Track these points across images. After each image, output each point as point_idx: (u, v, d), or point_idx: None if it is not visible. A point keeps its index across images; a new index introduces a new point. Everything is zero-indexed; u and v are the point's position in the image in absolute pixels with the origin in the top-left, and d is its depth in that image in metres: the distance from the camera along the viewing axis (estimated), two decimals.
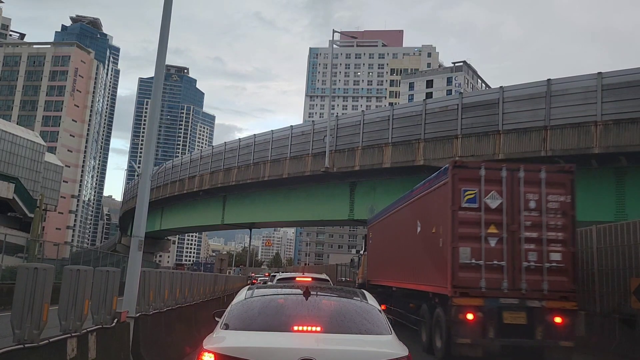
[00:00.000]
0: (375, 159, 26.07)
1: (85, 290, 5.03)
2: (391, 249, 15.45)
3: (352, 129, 27.81)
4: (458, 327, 8.99)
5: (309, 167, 29.28)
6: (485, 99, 22.94)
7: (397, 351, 3.69)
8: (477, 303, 9.04)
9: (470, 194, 9.42)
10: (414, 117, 25.23)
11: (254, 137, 34.02)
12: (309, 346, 3.59)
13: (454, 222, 9.31)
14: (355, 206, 28.74)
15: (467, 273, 9.16)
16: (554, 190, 9.67)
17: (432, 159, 23.94)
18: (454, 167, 9.74)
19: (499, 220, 9.33)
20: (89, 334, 5.16)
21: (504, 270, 9.16)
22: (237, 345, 3.66)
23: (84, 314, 5.01)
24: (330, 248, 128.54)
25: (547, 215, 9.46)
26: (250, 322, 4.04)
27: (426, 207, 11.42)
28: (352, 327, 4.03)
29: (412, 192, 12.83)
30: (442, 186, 10.13)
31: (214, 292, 15.40)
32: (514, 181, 9.51)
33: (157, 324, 7.86)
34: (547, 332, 8.93)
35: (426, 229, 11.11)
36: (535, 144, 20.83)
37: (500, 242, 9.26)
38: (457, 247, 9.24)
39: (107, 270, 5.76)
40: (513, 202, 9.42)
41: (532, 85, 21.67)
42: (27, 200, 63.12)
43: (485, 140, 22.32)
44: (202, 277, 13.64)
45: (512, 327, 8.98)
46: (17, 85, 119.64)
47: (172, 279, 9.31)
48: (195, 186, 38.53)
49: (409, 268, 12.47)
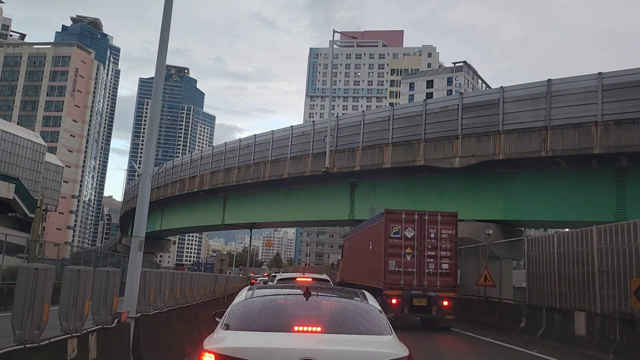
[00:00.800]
0: (376, 159, 26.07)
1: (85, 290, 5.03)
2: (357, 258, 21.49)
3: (353, 129, 27.81)
4: (387, 307, 13.89)
5: (309, 167, 29.29)
6: (486, 99, 22.95)
7: (397, 351, 3.68)
8: (398, 293, 15.21)
9: (395, 229, 15.50)
10: (414, 117, 25.23)
11: (255, 138, 34.02)
12: (309, 346, 3.58)
13: (386, 245, 15.51)
14: (356, 206, 28.74)
15: (392, 276, 15.32)
16: (445, 227, 15.64)
17: (432, 159, 23.96)
18: (386, 213, 15.82)
19: (412, 244, 15.45)
20: (90, 334, 5.16)
21: (414, 274, 15.37)
22: (238, 345, 3.66)
23: (85, 315, 5.01)
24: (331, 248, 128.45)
25: (440, 242, 15.55)
26: (250, 323, 4.02)
27: (373, 234, 17.46)
28: (352, 327, 4.02)
29: (369, 223, 19.37)
30: (380, 223, 16.33)
31: (214, 293, 15.40)
32: (422, 221, 15.56)
33: (158, 324, 7.86)
34: (439, 310, 15.28)
35: (373, 247, 17.16)
36: (536, 144, 20.84)
37: (412, 257, 15.37)
38: (387, 260, 15.42)
39: (107, 270, 5.75)
40: (421, 234, 15.49)
41: (533, 86, 21.67)
42: (27, 200, 63.14)
43: (485, 140, 22.33)
44: (203, 278, 13.60)
45: (418, 307, 15.25)
46: (18, 86, 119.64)
47: (173, 280, 9.30)
48: (196, 186, 38.53)
49: (366, 271, 18.56)
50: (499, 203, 23.38)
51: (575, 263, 12.83)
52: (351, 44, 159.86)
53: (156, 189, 46.23)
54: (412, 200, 26.57)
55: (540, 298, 14.49)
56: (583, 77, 20.52)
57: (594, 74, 20.13)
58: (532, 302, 15.03)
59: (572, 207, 21.54)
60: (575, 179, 21.41)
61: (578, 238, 12.79)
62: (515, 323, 15.69)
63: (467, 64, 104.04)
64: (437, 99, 24.95)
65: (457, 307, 15.99)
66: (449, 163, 23.30)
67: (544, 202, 22.13)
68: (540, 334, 13.75)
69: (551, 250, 14.11)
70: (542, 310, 14.07)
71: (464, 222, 24.14)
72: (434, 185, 25.54)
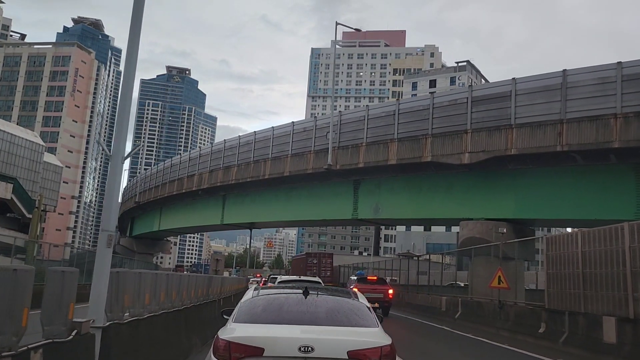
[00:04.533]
0: (380, 156, 24.96)
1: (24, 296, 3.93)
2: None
3: (356, 125, 26.69)
4: None
5: (311, 164, 28.18)
6: (497, 92, 21.81)
7: (382, 340, 4.25)
8: None
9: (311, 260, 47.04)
10: (421, 112, 24.11)
11: (254, 135, 32.92)
12: (307, 336, 4.11)
13: (306, 270, 42.63)
14: (359, 205, 27.61)
15: None
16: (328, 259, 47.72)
17: (440, 155, 22.83)
18: (306, 254, 49.65)
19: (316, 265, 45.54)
20: (32, 352, 4.06)
21: None
22: (247, 335, 4.17)
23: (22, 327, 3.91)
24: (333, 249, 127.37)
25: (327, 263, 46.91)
26: (257, 317, 4.52)
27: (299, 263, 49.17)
28: (344, 321, 4.55)
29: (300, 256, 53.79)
30: (304, 257, 50.59)
31: (207, 296, 14.32)
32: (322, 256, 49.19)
33: (135, 334, 6.77)
34: None
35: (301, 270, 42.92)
36: (551, 138, 19.70)
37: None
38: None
39: (61, 270, 4.73)
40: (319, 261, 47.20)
41: (547, 77, 20.54)
42: (25, 200, 62.04)
43: (496, 134, 21.20)
44: (195, 279, 12.52)
45: None
46: (18, 86, 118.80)
47: (156, 281, 8.16)
48: (194, 185, 37.43)
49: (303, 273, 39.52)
50: (510, 201, 22.25)
51: (603, 263, 11.67)
52: (353, 43, 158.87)
53: (154, 188, 45.14)
54: (417, 198, 25.45)
55: (562, 301, 13.32)
56: (601, 67, 19.37)
57: (612, 64, 18.98)
58: (552, 305, 13.85)
59: (589, 205, 20.38)
60: (592, 175, 20.27)
61: (606, 236, 11.63)
62: (533, 328, 14.57)
63: (471, 63, 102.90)
64: (445, 91, 23.81)
65: None
66: (457, 159, 22.17)
67: (559, 199, 20.99)
68: (562, 341, 12.61)
69: (574, 250, 12.94)
70: (564, 314, 12.92)
71: (473, 221, 23.01)
72: (442, 183, 24.43)
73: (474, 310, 19.09)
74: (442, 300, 22.44)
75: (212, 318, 12.48)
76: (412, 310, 25.39)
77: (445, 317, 21.16)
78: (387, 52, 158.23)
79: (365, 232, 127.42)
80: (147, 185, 47.85)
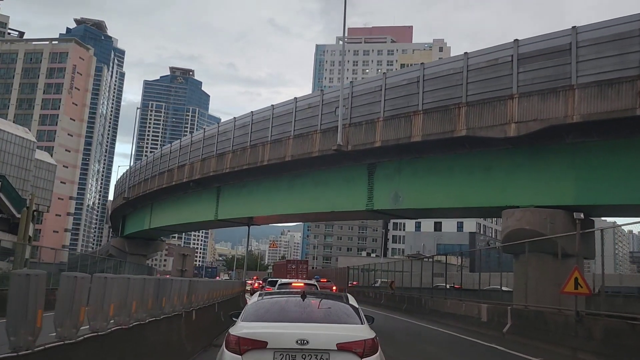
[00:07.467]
0: (402, 132, 20.48)
1: None
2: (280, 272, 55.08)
3: (371, 97, 22.21)
4: None
5: (316, 146, 23.73)
6: (551, 45, 17.24)
7: (367, 335, 5.21)
8: None
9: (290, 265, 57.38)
10: (451, 77, 19.60)
11: (252, 115, 28.50)
12: (304, 331, 5.09)
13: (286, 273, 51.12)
14: (375, 193, 23.11)
15: None
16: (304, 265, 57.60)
17: (477, 128, 18.32)
18: (287, 261, 69.59)
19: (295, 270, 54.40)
20: None
21: None
22: (253, 331, 5.19)
23: None
24: (339, 251, 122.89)
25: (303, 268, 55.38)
26: (262, 316, 5.59)
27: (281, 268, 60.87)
28: (335, 319, 5.65)
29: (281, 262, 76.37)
30: (284, 263, 65.92)
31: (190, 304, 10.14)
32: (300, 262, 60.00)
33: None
34: None
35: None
36: (627, 99, 15.17)
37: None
38: None
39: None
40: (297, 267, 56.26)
41: (619, 22, 16.01)
42: (15, 199, 57.88)
43: (552, 98, 16.67)
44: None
45: None
46: (14, 83, 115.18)
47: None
48: (185, 176, 33.06)
49: None
50: (568, 183, 17.71)
51: None
52: (359, 40, 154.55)
53: (143, 182, 40.84)
54: (448, 184, 20.94)
55: None
56: None
57: None
58: None
59: None
60: None
61: None
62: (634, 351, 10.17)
63: None
64: (483, 50, 19.31)
65: None
66: (501, 131, 17.67)
67: (634, 180, 16.44)
68: None
69: None
70: None
71: (520, 209, 18.50)
72: (478, 163, 19.92)
73: (532, 323, 14.60)
74: (482, 309, 17.96)
75: None
76: (439, 319, 20.91)
77: (488, 331, 16.71)
78: (394, 49, 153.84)
79: (373, 233, 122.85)
80: (136, 179, 43.52)
